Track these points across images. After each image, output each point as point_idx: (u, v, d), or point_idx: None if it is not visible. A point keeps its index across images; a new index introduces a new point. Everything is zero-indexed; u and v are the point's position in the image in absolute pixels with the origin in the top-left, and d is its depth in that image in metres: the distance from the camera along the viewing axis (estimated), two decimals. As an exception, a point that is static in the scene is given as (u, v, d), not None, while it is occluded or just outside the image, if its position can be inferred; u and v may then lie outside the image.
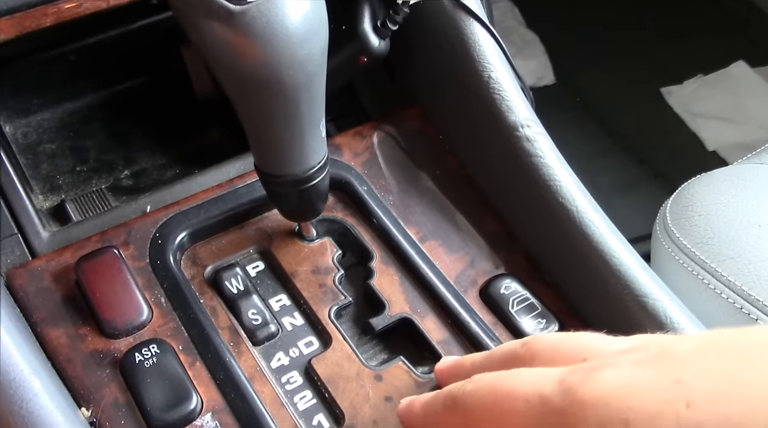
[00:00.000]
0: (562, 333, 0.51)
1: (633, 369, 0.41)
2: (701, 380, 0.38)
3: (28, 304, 0.64)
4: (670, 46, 1.88)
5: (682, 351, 0.41)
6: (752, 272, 0.77)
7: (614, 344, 0.47)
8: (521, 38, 1.92)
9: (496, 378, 0.48)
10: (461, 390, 0.49)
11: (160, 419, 0.58)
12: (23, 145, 0.87)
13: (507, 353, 0.53)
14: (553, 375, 0.44)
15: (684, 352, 0.41)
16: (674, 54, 1.87)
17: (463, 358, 0.58)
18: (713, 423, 0.36)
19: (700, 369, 0.39)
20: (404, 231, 0.72)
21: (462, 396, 0.49)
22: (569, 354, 0.48)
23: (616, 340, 0.48)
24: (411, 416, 0.55)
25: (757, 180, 0.87)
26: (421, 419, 0.54)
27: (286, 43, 0.53)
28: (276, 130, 0.58)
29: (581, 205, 0.67)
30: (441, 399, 0.52)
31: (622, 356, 0.43)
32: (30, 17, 0.66)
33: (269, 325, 0.65)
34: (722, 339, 0.41)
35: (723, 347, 0.40)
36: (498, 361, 0.53)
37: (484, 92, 0.74)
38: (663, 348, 0.42)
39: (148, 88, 0.94)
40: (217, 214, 0.71)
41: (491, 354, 0.55)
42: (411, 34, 0.80)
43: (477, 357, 0.56)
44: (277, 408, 0.60)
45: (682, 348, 0.41)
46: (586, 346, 0.48)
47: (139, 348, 0.61)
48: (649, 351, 0.42)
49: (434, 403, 0.52)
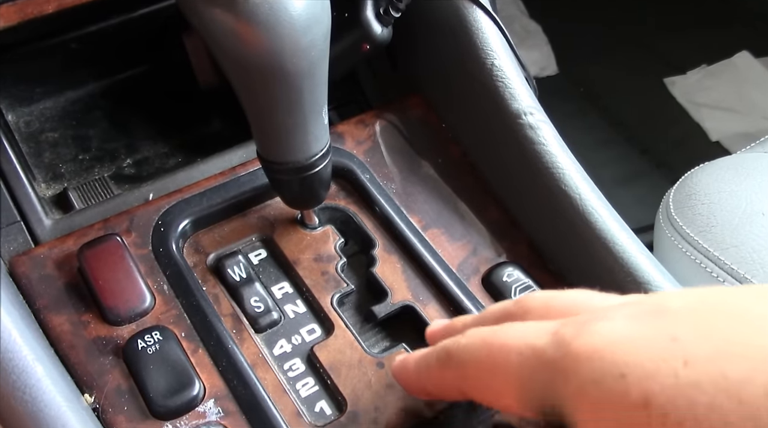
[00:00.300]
0: (555, 290, 0.51)
1: (627, 323, 0.40)
2: (698, 338, 0.37)
3: (31, 291, 0.64)
4: (674, 35, 1.88)
5: (677, 307, 0.40)
6: (755, 260, 0.77)
7: (607, 300, 0.47)
8: (524, 28, 1.91)
9: (489, 332, 0.47)
10: (455, 343, 0.49)
11: (163, 405, 0.58)
12: (26, 134, 0.87)
13: (499, 311, 0.52)
14: (547, 327, 0.43)
15: (679, 308, 0.40)
16: (678, 44, 1.87)
17: (455, 319, 0.57)
18: (710, 382, 0.35)
19: (696, 326, 0.38)
20: (407, 219, 0.72)
21: (456, 350, 0.49)
22: (562, 310, 0.47)
23: (608, 296, 0.47)
24: (405, 372, 0.55)
25: (761, 169, 0.87)
26: (416, 375, 0.53)
27: (289, 30, 0.52)
28: (279, 117, 0.58)
29: (584, 193, 0.67)
30: (435, 354, 0.51)
31: (616, 310, 0.42)
32: (32, 4, 0.66)
33: (271, 313, 0.65)
34: (718, 298, 0.41)
35: (719, 306, 0.40)
36: (490, 319, 0.52)
37: (487, 80, 0.74)
38: (657, 304, 0.41)
39: (150, 77, 0.94)
40: (220, 201, 0.71)
41: (483, 313, 0.54)
42: (414, 21, 0.80)
43: (469, 318, 0.56)
44: (279, 395, 0.60)
45: (677, 304, 0.41)
46: (579, 301, 0.47)
47: (142, 335, 0.61)
48: (643, 307, 0.41)
49: (428, 358, 0.52)
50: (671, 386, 0.36)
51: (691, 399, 0.35)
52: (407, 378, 0.55)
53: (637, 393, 0.37)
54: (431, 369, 0.51)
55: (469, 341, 0.48)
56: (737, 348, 0.36)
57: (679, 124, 1.76)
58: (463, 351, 0.48)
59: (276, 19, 0.52)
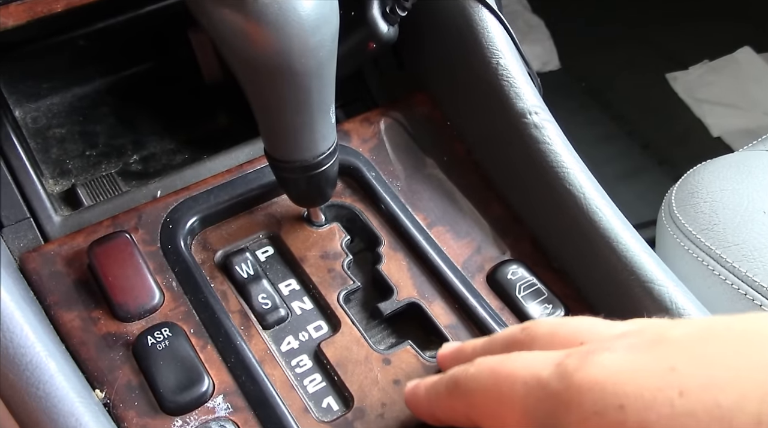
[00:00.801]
0: (561, 317, 0.52)
1: (628, 354, 0.42)
2: (695, 367, 0.39)
3: (42, 288, 0.65)
4: (676, 31, 1.88)
5: (676, 336, 0.42)
6: (757, 258, 0.77)
7: (611, 328, 0.48)
8: (526, 23, 1.91)
9: (496, 362, 0.49)
10: (464, 373, 0.50)
11: (173, 401, 0.59)
12: (33, 130, 0.87)
13: (507, 338, 0.54)
14: (551, 358, 0.45)
15: (679, 338, 0.42)
16: (680, 40, 1.87)
17: (465, 344, 0.59)
18: (705, 411, 0.37)
19: (694, 355, 0.40)
20: (412, 216, 0.73)
21: (464, 380, 0.50)
22: (567, 338, 0.49)
23: (613, 324, 0.49)
24: (416, 399, 0.56)
25: (763, 167, 0.88)
26: (426, 402, 0.55)
27: (298, 30, 0.53)
28: (286, 117, 0.59)
29: (588, 192, 0.68)
30: (444, 382, 0.53)
31: (618, 340, 0.44)
32: (41, 3, 0.66)
33: (279, 309, 0.66)
34: (717, 326, 0.42)
35: (717, 333, 0.41)
36: (499, 346, 0.54)
37: (492, 79, 0.75)
38: (658, 334, 0.43)
39: (156, 73, 0.94)
40: (227, 199, 0.72)
41: (492, 339, 0.56)
42: (420, 20, 0.80)
43: (478, 342, 0.57)
44: (287, 391, 0.61)
45: (677, 333, 0.42)
46: (584, 330, 0.49)
47: (152, 332, 0.62)
48: (645, 336, 0.43)
49: (438, 386, 0.54)
50: (667, 416, 0.38)
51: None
52: (418, 404, 0.56)
53: (634, 423, 0.38)
54: (441, 397, 0.53)
55: (477, 370, 0.49)
56: (730, 375, 0.37)
57: (680, 119, 1.76)
58: (471, 381, 0.49)
59: (285, 19, 0.52)
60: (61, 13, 0.68)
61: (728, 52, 1.84)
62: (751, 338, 0.40)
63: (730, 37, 1.85)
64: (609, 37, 1.89)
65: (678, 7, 1.91)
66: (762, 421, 0.35)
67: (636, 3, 1.93)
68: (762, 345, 0.39)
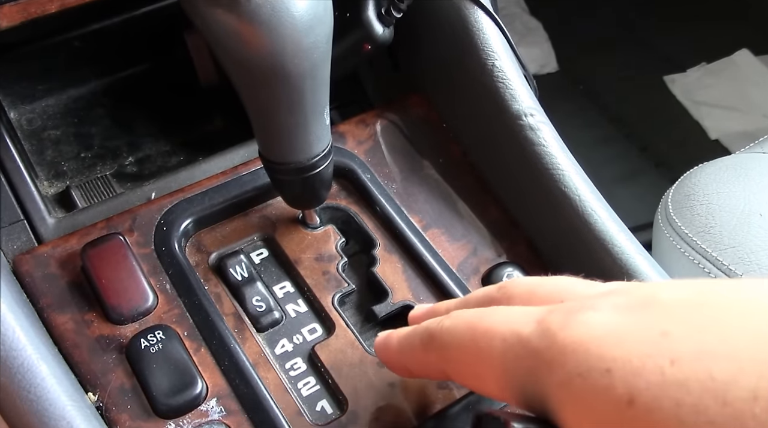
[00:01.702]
0: (539, 277, 0.50)
1: (615, 315, 0.39)
2: (688, 334, 0.36)
3: (35, 290, 0.64)
4: (674, 33, 1.88)
5: (668, 299, 0.39)
6: (753, 261, 0.77)
7: (592, 287, 0.46)
8: (524, 25, 1.91)
9: (474, 315, 0.46)
10: (439, 325, 0.48)
11: (166, 404, 0.58)
12: (28, 131, 0.87)
13: (483, 297, 0.51)
14: (532, 314, 0.43)
15: (670, 301, 0.39)
16: (678, 42, 1.87)
17: (438, 303, 0.57)
18: (697, 382, 0.34)
19: (686, 321, 0.37)
20: (407, 219, 0.73)
21: (439, 332, 0.48)
22: (547, 297, 0.46)
23: (593, 284, 0.46)
24: (388, 351, 0.54)
25: (759, 169, 0.88)
26: (398, 354, 0.53)
27: (291, 31, 0.53)
28: (280, 118, 0.59)
29: (584, 194, 0.68)
30: (419, 333, 0.50)
31: (603, 299, 0.41)
32: (35, 3, 0.66)
33: (273, 312, 0.66)
34: (711, 291, 0.39)
35: (712, 299, 0.38)
36: (474, 304, 0.51)
37: (488, 80, 0.74)
38: (647, 295, 0.40)
39: (151, 75, 0.94)
40: (222, 201, 0.72)
41: (467, 298, 0.53)
42: (415, 21, 0.80)
43: (452, 302, 0.55)
44: (281, 394, 0.61)
45: (668, 296, 0.40)
46: (563, 288, 0.47)
47: (145, 334, 0.61)
48: (633, 297, 0.40)
49: (412, 338, 0.51)
50: (657, 384, 0.35)
51: (676, 400, 0.34)
52: (390, 356, 0.54)
53: (622, 389, 0.36)
54: (414, 350, 0.51)
55: (453, 323, 0.47)
56: (726, 346, 0.35)
57: (678, 122, 1.76)
58: (446, 333, 0.47)
59: (278, 20, 0.52)
60: (56, 14, 0.68)
61: (726, 55, 1.84)
62: (748, 306, 0.37)
63: (728, 39, 1.86)
64: (607, 39, 1.89)
65: (676, 9, 1.91)
66: (759, 396, 0.32)
67: (634, 5, 1.93)
68: (760, 316, 0.36)
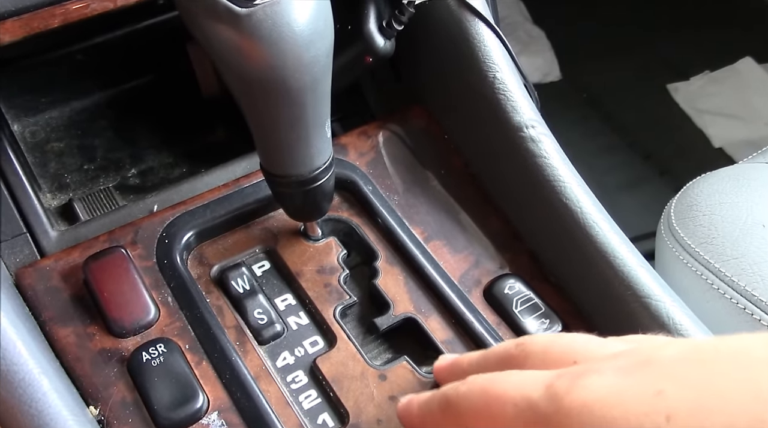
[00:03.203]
0: (555, 334, 0.52)
1: (616, 377, 0.42)
2: (682, 391, 0.39)
3: (37, 303, 0.65)
4: (677, 42, 1.88)
5: (665, 358, 0.42)
6: (756, 272, 0.77)
7: (604, 347, 0.48)
8: (527, 34, 1.92)
9: (487, 381, 0.49)
10: (455, 391, 0.51)
11: (167, 417, 0.58)
12: (31, 144, 0.88)
13: (502, 353, 0.54)
14: (542, 379, 0.45)
15: (667, 360, 0.42)
16: (681, 50, 1.87)
17: (460, 357, 0.59)
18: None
19: (681, 379, 0.40)
20: (409, 231, 0.73)
21: (456, 398, 0.50)
22: (560, 356, 0.49)
23: (606, 342, 0.49)
24: (409, 415, 0.56)
25: (762, 180, 0.87)
26: (419, 419, 0.55)
27: (292, 46, 0.53)
28: (282, 132, 0.59)
29: (585, 206, 0.68)
30: (437, 400, 0.53)
31: (608, 362, 0.44)
32: (38, 18, 0.66)
33: (275, 325, 0.66)
34: (706, 348, 0.42)
35: (705, 356, 0.41)
36: (493, 362, 0.54)
37: (489, 92, 0.74)
38: (647, 356, 0.43)
39: (154, 87, 0.94)
40: (224, 213, 0.72)
41: (487, 354, 0.56)
42: (416, 33, 0.80)
43: (474, 356, 0.57)
44: (282, 407, 0.61)
45: (665, 355, 0.42)
46: (577, 348, 0.49)
47: (147, 348, 0.62)
48: (634, 358, 0.43)
49: (431, 404, 0.54)
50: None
51: None
52: (411, 420, 0.56)
53: None
54: (433, 415, 0.53)
55: (468, 389, 0.50)
56: (717, 400, 0.37)
57: (682, 130, 1.76)
58: (462, 399, 0.50)
59: (279, 35, 0.52)
60: (58, 28, 0.68)
61: (729, 63, 1.84)
62: (738, 360, 0.40)
63: (731, 47, 1.86)
64: (610, 47, 1.89)
65: (679, 17, 1.91)
66: None
67: (637, 14, 1.93)
68: (749, 368, 0.39)
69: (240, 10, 0.51)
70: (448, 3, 0.78)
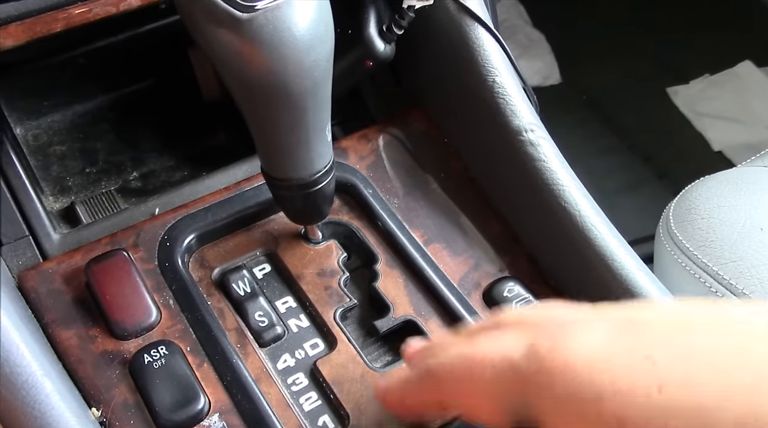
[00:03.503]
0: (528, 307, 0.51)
1: (601, 338, 0.41)
2: (672, 359, 0.38)
3: (40, 306, 0.65)
4: (677, 45, 1.88)
5: (648, 320, 0.41)
6: (754, 276, 0.77)
7: (579, 311, 0.47)
8: (527, 37, 1.92)
9: (466, 344, 0.48)
10: (434, 358, 0.49)
11: (169, 419, 0.59)
12: (34, 147, 0.88)
13: (476, 329, 0.52)
14: (522, 338, 0.44)
15: (652, 322, 0.41)
16: (680, 54, 1.87)
17: (432, 340, 0.58)
18: (683, 409, 0.36)
19: (671, 345, 0.39)
20: (409, 234, 0.73)
21: (435, 366, 0.49)
22: (536, 323, 0.47)
23: (581, 307, 0.48)
24: (388, 392, 0.55)
25: (761, 183, 0.88)
26: (397, 391, 0.54)
27: (293, 51, 0.53)
28: (282, 135, 0.59)
29: (584, 210, 0.68)
30: (415, 372, 0.52)
31: (590, 322, 0.43)
32: (41, 23, 0.67)
33: (275, 327, 0.66)
34: (694, 315, 0.41)
35: (695, 323, 0.40)
36: None
37: (488, 96, 0.75)
38: (629, 316, 0.42)
39: (156, 91, 0.95)
40: (225, 216, 0.72)
41: (460, 332, 0.54)
42: (416, 37, 0.81)
43: (447, 336, 0.56)
44: (283, 409, 0.61)
45: (647, 317, 0.41)
46: (551, 314, 0.48)
47: (148, 350, 0.62)
48: (616, 317, 0.42)
49: (409, 377, 0.53)
50: (645, 410, 0.37)
51: (664, 425, 0.36)
52: (390, 398, 0.55)
53: (611, 414, 0.38)
54: (411, 384, 0.52)
55: (446, 355, 0.49)
56: (712, 373, 0.36)
57: (681, 133, 1.76)
58: (441, 366, 0.49)
59: (280, 40, 0.53)
60: (61, 32, 0.69)
61: (729, 66, 1.84)
62: (730, 330, 0.38)
63: (730, 50, 1.86)
64: (610, 51, 1.89)
65: (678, 21, 1.92)
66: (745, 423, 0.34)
67: (637, 17, 1.94)
68: (741, 340, 0.38)
69: (241, 15, 0.52)
70: (447, 7, 0.78)
